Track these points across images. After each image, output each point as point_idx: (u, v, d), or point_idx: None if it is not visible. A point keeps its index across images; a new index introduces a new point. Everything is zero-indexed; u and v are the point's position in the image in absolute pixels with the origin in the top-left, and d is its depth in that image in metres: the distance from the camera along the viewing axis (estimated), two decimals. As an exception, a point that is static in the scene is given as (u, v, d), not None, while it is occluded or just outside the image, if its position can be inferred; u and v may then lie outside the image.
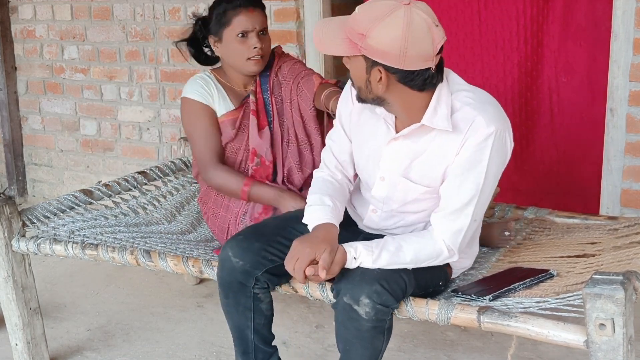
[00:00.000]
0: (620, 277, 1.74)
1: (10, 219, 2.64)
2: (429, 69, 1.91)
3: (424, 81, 1.93)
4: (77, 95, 4.68)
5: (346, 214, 2.29)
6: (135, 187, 3.11)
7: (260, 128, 2.71)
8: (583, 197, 3.48)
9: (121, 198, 3.07)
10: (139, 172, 3.20)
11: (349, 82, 2.18)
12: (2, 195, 2.77)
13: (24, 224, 2.71)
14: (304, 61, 3.83)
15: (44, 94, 4.82)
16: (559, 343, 1.84)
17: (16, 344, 2.77)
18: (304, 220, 2.13)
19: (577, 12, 3.34)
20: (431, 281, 2.14)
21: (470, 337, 2.92)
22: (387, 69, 1.91)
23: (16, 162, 4.97)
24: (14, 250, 2.66)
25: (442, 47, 1.92)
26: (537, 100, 3.51)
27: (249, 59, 2.65)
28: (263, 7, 2.70)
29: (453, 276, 2.27)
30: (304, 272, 1.99)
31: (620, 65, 3.14)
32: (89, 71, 4.59)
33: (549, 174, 3.58)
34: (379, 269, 1.99)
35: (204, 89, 2.72)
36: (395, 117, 2.08)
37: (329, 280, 2.09)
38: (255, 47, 2.63)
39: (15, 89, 4.90)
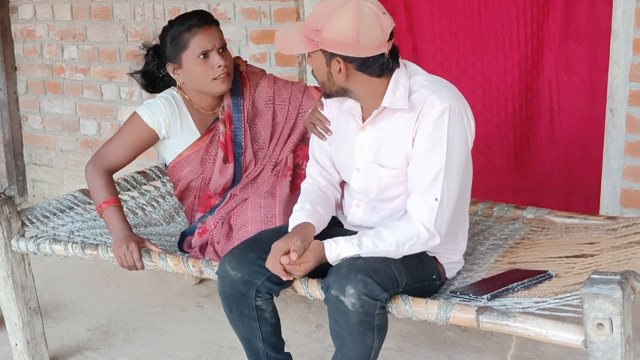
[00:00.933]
0: (618, 277, 1.74)
1: (10, 219, 2.65)
2: (383, 54, 2.05)
3: (380, 67, 2.07)
4: (77, 95, 4.68)
5: (333, 218, 2.35)
6: (134, 187, 3.11)
7: (226, 162, 2.59)
8: (583, 197, 3.48)
9: (120, 198, 3.06)
10: (138, 172, 3.19)
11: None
12: (2, 195, 2.77)
13: (23, 224, 2.71)
14: (304, 61, 3.82)
15: (44, 94, 4.82)
16: (558, 343, 1.84)
17: (16, 344, 2.78)
18: (289, 229, 2.20)
19: (578, 11, 3.34)
20: (424, 273, 2.16)
21: (470, 337, 2.92)
22: (345, 58, 2.05)
23: (16, 162, 4.97)
24: (14, 250, 2.66)
25: (392, 33, 2.06)
26: (537, 99, 3.51)
27: (214, 79, 2.52)
28: (217, 24, 2.59)
29: (449, 276, 2.28)
30: (280, 262, 2.05)
31: (620, 65, 3.13)
32: (89, 71, 4.59)
33: (549, 173, 3.58)
34: (365, 261, 2.02)
35: (161, 114, 2.57)
36: (362, 109, 2.19)
37: (319, 277, 2.12)
38: (219, 66, 2.50)
39: (15, 89, 4.90)
